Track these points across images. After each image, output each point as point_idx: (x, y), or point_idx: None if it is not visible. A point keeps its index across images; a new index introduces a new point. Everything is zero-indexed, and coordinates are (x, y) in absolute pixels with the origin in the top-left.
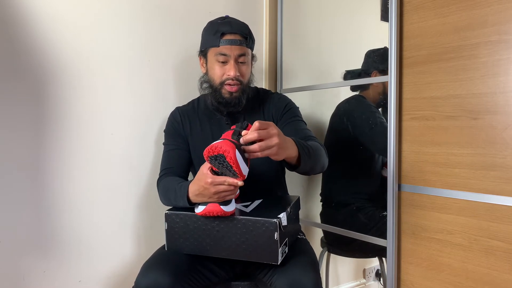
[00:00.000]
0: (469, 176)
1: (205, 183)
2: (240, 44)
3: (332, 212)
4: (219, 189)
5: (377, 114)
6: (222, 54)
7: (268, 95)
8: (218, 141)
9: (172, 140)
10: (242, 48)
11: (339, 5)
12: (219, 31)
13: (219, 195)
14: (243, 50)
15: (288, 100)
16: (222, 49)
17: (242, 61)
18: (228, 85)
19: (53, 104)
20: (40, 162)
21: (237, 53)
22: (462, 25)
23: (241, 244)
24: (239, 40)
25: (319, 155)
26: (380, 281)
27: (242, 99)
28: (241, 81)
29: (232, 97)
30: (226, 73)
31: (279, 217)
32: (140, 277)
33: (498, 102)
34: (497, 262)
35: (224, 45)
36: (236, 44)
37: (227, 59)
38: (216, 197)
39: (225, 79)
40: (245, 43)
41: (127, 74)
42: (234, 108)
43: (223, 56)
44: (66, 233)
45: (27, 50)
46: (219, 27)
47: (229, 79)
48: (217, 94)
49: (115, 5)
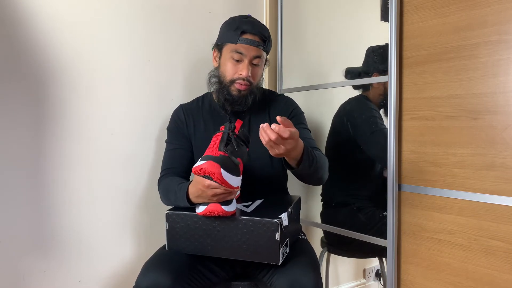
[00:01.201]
0: (469, 176)
1: (203, 186)
2: (257, 45)
3: (333, 212)
4: (216, 192)
5: (378, 118)
6: (238, 52)
7: (275, 96)
8: (202, 163)
9: (174, 139)
10: (259, 50)
11: (339, 6)
12: (239, 29)
13: (218, 197)
14: (259, 53)
15: (295, 105)
16: (239, 47)
17: (256, 63)
18: (238, 83)
19: (53, 104)
20: (40, 162)
21: (253, 54)
22: (462, 25)
23: (242, 244)
24: (258, 42)
25: (320, 168)
26: (380, 281)
27: (249, 99)
28: (251, 82)
29: (240, 95)
30: (238, 72)
31: (280, 217)
32: (141, 277)
33: (498, 102)
34: (497, 262)
35: (242, 44)
36: (254, 45)
37: (242, 58)
38: (215, 199)
39: (236, 78)
40: (262, 45)
41: (127, 74)
42: (240, 106)
43: (239, 54)
44: (66, 233)
45: (27, 50)
46: (240, 24)
47: (240, 78)
48: (225, 90)
49: (115, 5)
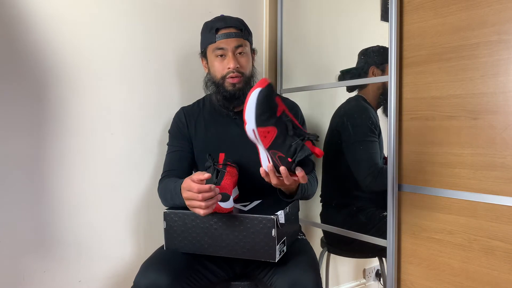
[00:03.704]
0: (469, 176)
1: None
2: (235, 36)
3: (332, 212)
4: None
5: (371, 125)
6: (219, 48)
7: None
8: None
9: (175, 142)
10: (239, 39)
11: (339, 5)
12: (213, 27)
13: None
14: (240, 41)
15: (300, 113)
16: (218, 44)
17: (241, 52)
18: (230, 77)
19: (53, 104)
20: (40, 162)
21: (234, 44)
22: (462, 25)
23: (239, 242)
24: (234, 33)
25: (310, 193)
26: (380, 281)
27: (246, 90)
28: (243, 73)
29: (235, 88)
30: (226, 66)
31: (277, 214)
32: (139, 277)
33: (498, 102)
34: (497, 262)
35: (220, 39)
36: (231, 37)
37: (225, 53)
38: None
39: (226, 73)
40: (240, 34)
41: (128, 74)
42: (239, 100)
43: (221, 50)
44: (66, 233)
45: (27, 50)
46: (213, 24)
47: (230, 72)
48: (221, 89)
49: (115, 5)
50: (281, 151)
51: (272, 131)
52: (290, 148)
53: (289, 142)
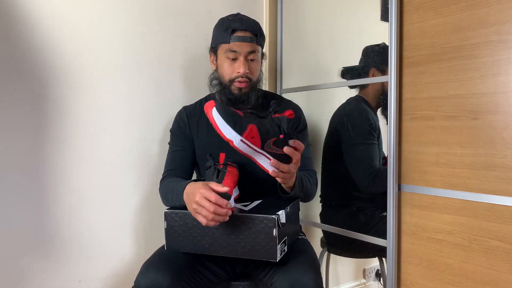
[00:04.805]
0: (469, 176)
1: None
2: (250, 41)
3: (332, 212)
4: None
5: (370, 126)
6: (232, 51)
7: (281, 99)
8: None
9: (177, 141)
10: (253, 45)
11: (339, 6)
12: (229, 28)
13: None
14: (253, 47)
15: (303, 117)
16: (232, 46)
17: (252, 58)
18: (238, 82)
19: (53, 104)
20: (40, 162)
21: (247, 50)
22: (462, 25)
23: (240, 242)
24: (250, 37)
25: (308, 195)
26: (380, 281)
27: (251, 96)
28: (250, 78)
29: (241, 93)
30: (235, 70)
31: (278, 214)
32: (140, 277)
33: (498, 102)
34: (497, 262)
35: (235, 42)
36: (247, 41)
37: (237, 56)
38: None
39: (234, 77)
40: (255, 40)
41: (127, 74)
42: (243, 104)
43: (233, 53)
44: (66, 233)
45: (27, 50)
46: (230, 24)
47: (238, 76)
48: (227, 90)
49: (115, 5)
50: (270, 137)
51: (252, 129)
52: (274, 129)
53: (268, 125)
